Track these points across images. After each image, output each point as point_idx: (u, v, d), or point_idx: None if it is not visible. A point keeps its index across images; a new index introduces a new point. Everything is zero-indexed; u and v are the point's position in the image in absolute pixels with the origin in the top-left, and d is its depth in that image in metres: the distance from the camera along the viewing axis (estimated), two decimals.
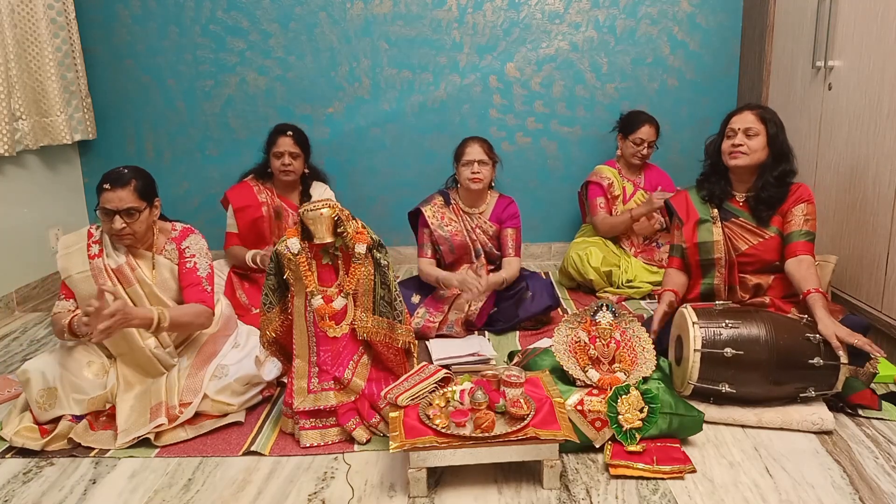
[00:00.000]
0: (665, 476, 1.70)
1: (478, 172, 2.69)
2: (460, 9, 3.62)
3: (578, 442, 1.76)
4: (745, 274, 2.28)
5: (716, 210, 2.31)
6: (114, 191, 1.99)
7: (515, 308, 2.73)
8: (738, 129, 2.22)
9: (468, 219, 2.81)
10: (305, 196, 3.06)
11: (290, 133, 2.94)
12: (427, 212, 2.79)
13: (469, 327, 2.69)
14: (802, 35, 2.92)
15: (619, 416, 1.79)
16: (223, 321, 2.27)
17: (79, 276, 2.04)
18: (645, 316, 2.59)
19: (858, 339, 1.85)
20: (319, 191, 3.15)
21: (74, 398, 1.96)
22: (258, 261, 2.82)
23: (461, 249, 2.79)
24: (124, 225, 2.00)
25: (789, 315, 2.03)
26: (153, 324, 1.92)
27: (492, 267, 2.88)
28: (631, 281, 3.14)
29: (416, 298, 2.77)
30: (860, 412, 1.99)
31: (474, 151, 2.71)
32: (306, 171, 3.06)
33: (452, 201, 2.83)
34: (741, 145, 2.20)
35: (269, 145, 2.99)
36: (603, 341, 1.95)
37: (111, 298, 1.87)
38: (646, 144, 3.29)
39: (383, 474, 1.75)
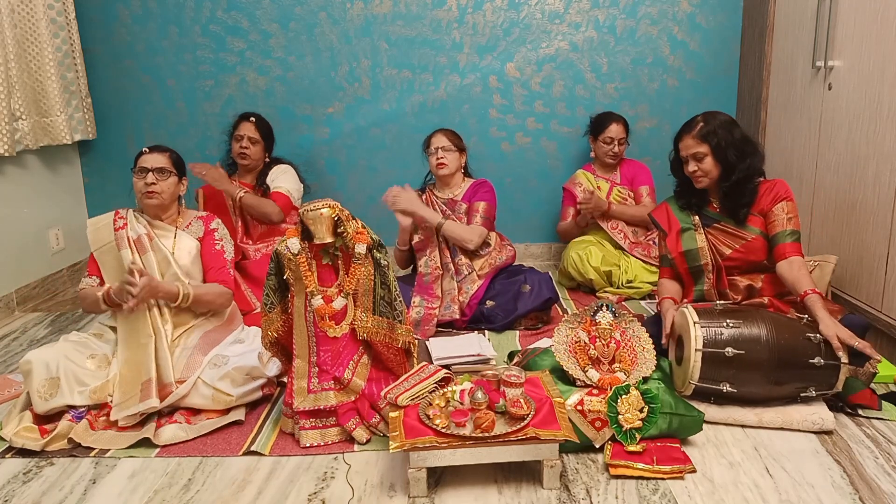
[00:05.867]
0: (665, 476, 1.70)
1: (442, 158, 2.89)
2: (460, 9, 3.62)
3: (578, 442, 1.76)
4: (734, 276, 2.28)
5: (696, 217, 2.31)
6: (151, 153, 2.26)
7: (514, 302, 2.73)
8: (686, 156, 2.24)
9: (440, 204, 2.94)
10: (262, 177, 3.13)
11: (252, 119, 3.11)
12: None
13: (462, 315, 2.71)
14: (802, 35, 2.92)
15: (619, 416, 1.79)
16: (229, 315, 2.35)
17: (105, 248, 2.24)
18: (645, 316, 2.59)
19: (859, 342, 1.85)
20: (278, 172, 3.14)
21: (78, 390, 1.98)
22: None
23: (426, 231, 2.89)
24: (155, 181, 2.20)
25: (789, 315, 2.03)
26: (178, 298, 2.12)
27: (469, 261, 2.87)
28: (631, 281, 3.14)
29: (415, 296, 2.77)
30: (860, 412, 1.99)
31: (438, 140, 2.93)
32: (267, 159, 3.18)
33: (427, 191, 3.01)
34: (695, 171, 2.22)
35: (232, 129, 3.14)
36: (603, 341, 1.95)
37: (138, 275, 2.04)
38: (616, 142, 3.34)
39: (383, 474, 1.75)
